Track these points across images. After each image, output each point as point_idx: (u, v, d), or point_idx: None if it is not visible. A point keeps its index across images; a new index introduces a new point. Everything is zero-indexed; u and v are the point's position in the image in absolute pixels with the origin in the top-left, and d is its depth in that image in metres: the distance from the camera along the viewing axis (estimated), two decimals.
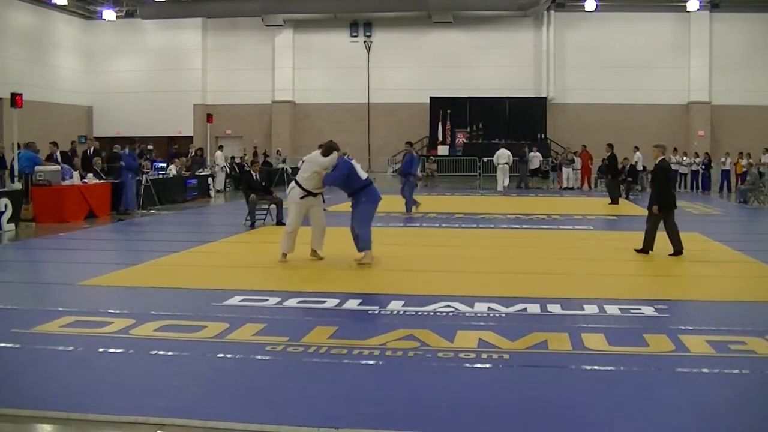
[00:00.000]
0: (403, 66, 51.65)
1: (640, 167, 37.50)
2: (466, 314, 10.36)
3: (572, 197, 33.83)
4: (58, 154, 28.49)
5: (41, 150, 26.51)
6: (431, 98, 50.06)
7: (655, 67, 49.66)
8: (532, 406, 6.88)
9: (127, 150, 26.89)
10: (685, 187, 39.65)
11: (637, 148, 37.38)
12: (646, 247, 16.22)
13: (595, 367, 8.01)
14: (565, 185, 39.44)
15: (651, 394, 7.20)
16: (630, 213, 26.06)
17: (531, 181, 40.00)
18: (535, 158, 41.82)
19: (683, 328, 9.58)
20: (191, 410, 6.73)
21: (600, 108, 49.66)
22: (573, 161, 40.32)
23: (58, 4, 47.28)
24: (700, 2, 47.52)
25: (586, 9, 48.47)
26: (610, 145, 32.08)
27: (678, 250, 16.00)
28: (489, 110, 49.85)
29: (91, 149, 28.63)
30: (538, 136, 47.92)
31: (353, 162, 14.94)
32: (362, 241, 14.53)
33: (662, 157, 16.49)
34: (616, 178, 30.83)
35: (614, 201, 29.48)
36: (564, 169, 40.21)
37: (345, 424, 6.35)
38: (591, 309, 10.68)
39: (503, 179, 37.43)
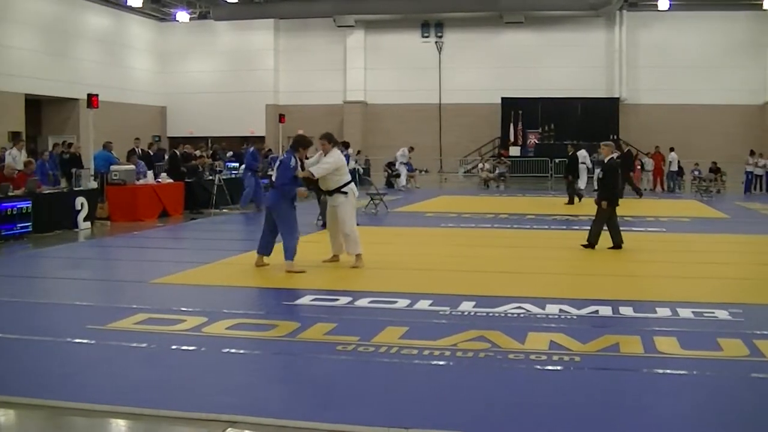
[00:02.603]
0: (475, 66, 51.47)
1: (675, 168, 37.36)
2: (537, 316, 10.30)
3: (645, 199, 33.41)
4: (140, 150, 28.95)
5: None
6: (503, 99, 49.82)
7: (730, 66, 48.82)
8: (603, 409, 6.82)
9: (251, 149, 27.10)
10: (761, 189, 38.99)
11: (672, 149, 38.21)
12: (592, 242, 16.86)
13: (668, 371, 7.91)
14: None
15: (725, 400, 7.10)
16: (703, 215, 25.73)
17: None
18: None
19: (758, 332, 9.41)
20: (262, 408, 6.78)
21: (673, 108, 48.96)
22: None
23: (132, 6, 47.86)
24: None
25: (659, 8, 47.76)
26: (573, 145, 33.04)
27: (618, 244, 16.72)
28: (561, 111, 49.48)
29: (139, 149, 28.96)
30: (611, 137, 47.30)
31: (282, 158, 14.40)
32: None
33: (611, 155, 17.26)
34: (575, 178, 31.16)
35: (578, 199, 29.67)
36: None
37: (415, 424, 6.33)
38: (664, 312, 10.52)
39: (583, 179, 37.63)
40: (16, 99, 39.68)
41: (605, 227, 16.86)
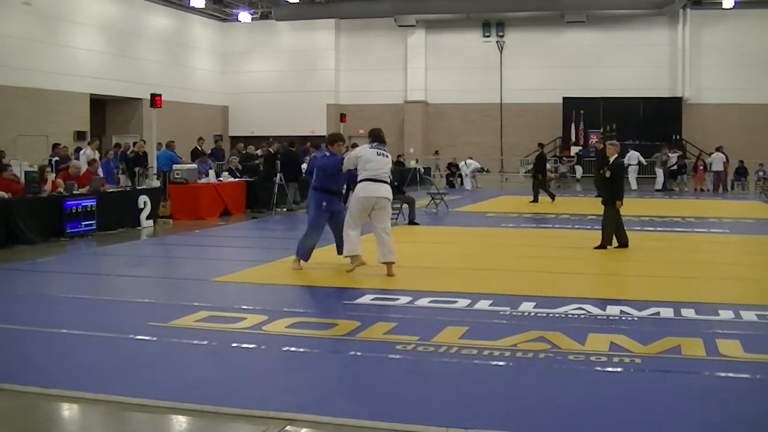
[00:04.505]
0: (536, 66, 51.14)
1: (719, 167, 37.10)
2: (598, 317, 10.23)
3: (708, 200, 33.12)
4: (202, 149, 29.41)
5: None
6: (564, 98, 49.47)
7: None
8: (664, 412, 6.73)
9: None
10: None
11: (718, 149, 38.53)
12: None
13: (730, 375, 7.80)
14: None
15: None
16: (765, 216, 25.41)
17: (669, 183, 39.23)
18: (673, 159, 40.72)
19: None
20: (320, 407, 6.80)
21: (738, 108, 48.19)
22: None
23: (195, 7, 48.29)
24: None
25: (723, 6, 47.13)
26: (540, 145, 33.74)
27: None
28: (623, 111, 48.90)
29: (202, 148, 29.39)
30: (673, 137, 46.88)
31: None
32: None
33: (616, 154, 17.06)
34: (544, 177, 31.46)
35: (536, 200, 30.38)
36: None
37: (474, 425, 6.31)
38: (726, 314, 10.37)
39: (632, 180, 37.66)
40: (81, 99, 40.26)
41: (600, 225, 17.11)
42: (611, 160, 16.90)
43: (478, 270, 14.27)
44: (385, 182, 13.52)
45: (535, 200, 30.13)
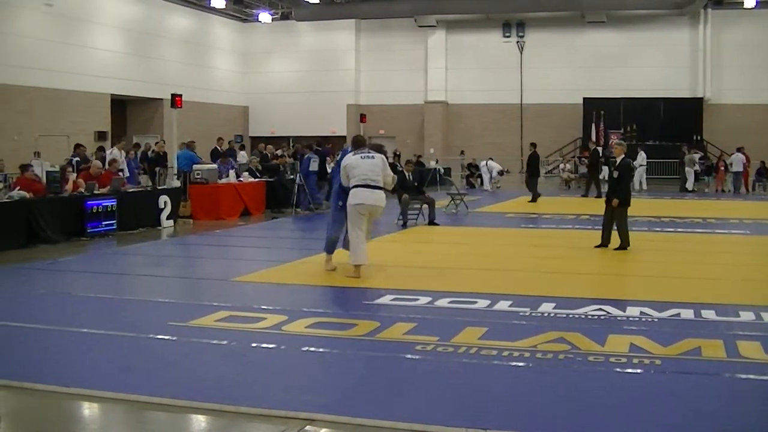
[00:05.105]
0: (556, 66, 50.91)
1: (739, 168, 36.99)
2: (618, 318, 10.20)
3: (729, 200, 32.94)
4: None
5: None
6: (584, 99, 49.25)
7: None
8: (684, 414, 6.72)
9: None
10: None
11: (738, 150, 38.20)
12: (605, 242, 16.88)
13: (751, 377, 7.78)
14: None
15: None
16: None
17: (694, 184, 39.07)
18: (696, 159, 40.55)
19: None
20: (340, 407, 6.81)
21: (759, 109, 47.79)
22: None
23: (215, 7, 48.39)
24: None
25: (745, 6, 46.85)
26: (533, 144, 33.95)
27: (625, 246, 16.60)
28: (643, 111, 48.68)
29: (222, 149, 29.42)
30: (694, 137, 46.64)
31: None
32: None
33: (623, 154, 17.05)
34: (535, 177, 32.19)
35: (534, 199, 30.90)
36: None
37: (493, 425, 6.31)
38: (747, 316, 10.33)
39: (641, 180, 38.40)
40: (102, 99, 40.39)
41: (606, 226, 17.06)
42: (618, 160, 16.93)
43: (497, 270, 14.26)
44: (378, 187, 13.30)
45: (534, 200, 30.55)
